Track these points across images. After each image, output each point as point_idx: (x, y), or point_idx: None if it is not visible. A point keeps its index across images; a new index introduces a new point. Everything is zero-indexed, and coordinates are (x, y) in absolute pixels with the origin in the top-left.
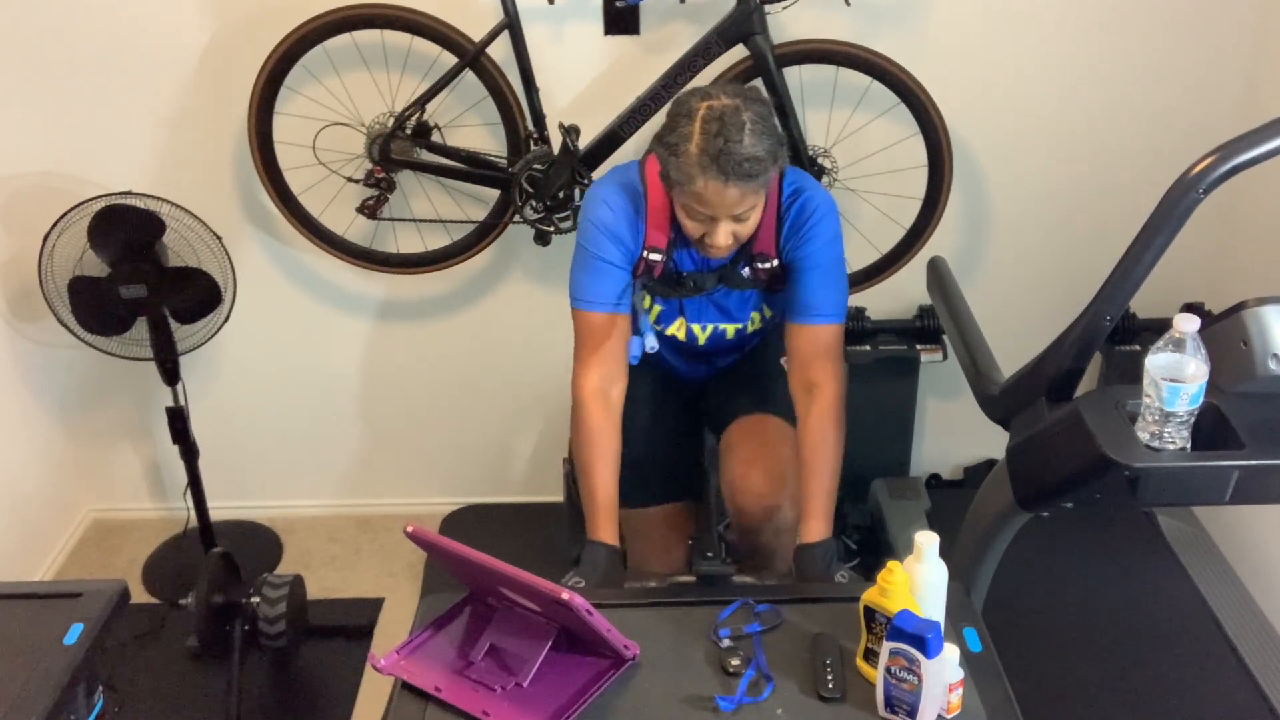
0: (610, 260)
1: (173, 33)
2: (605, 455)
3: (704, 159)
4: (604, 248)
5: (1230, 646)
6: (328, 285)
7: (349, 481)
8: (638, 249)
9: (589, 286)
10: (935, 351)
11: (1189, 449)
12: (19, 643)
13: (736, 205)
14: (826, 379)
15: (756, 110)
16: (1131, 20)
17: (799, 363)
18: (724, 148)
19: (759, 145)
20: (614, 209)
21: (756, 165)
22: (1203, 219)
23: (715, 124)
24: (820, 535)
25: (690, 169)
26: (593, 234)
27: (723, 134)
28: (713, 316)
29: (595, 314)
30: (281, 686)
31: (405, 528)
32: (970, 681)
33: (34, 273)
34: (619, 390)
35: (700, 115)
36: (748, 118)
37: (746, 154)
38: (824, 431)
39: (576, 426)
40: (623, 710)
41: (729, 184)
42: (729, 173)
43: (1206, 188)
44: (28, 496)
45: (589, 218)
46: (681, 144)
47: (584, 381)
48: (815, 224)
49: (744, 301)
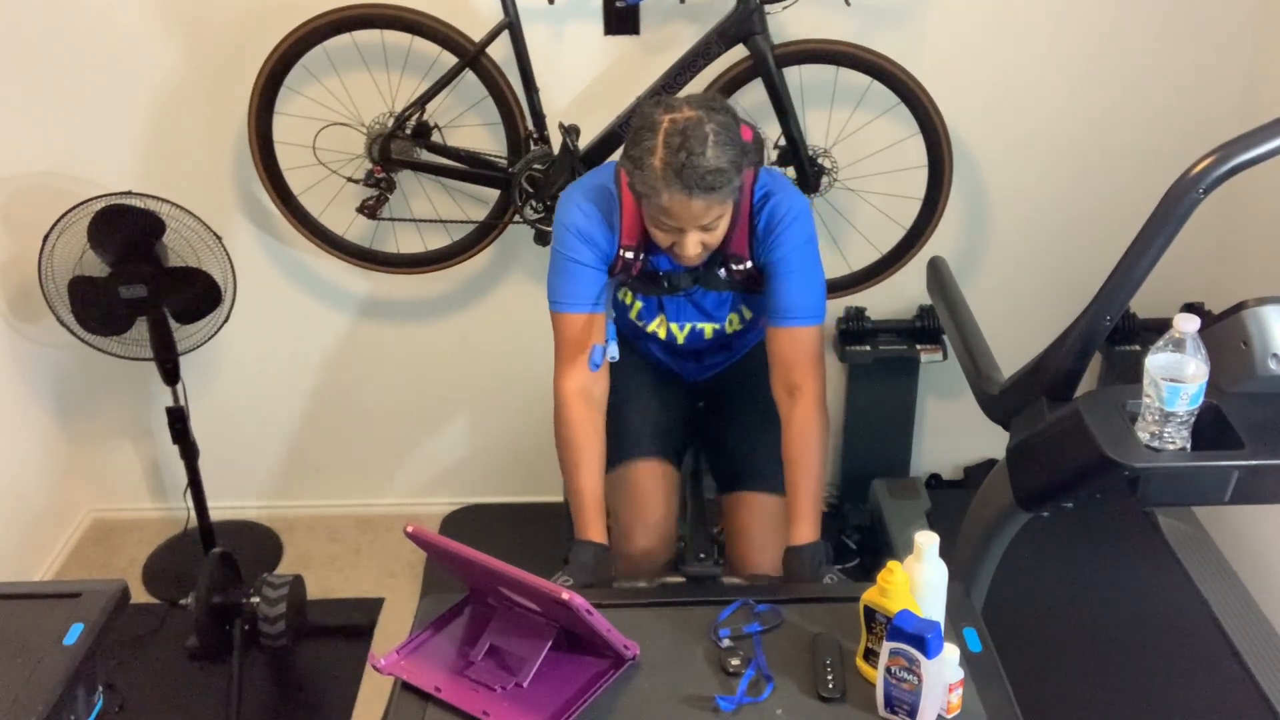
0: (583, 262)
1: (173, 33)
2: (590, 455)
3: (667, 173)
4: (576, 250)
5: (1230, 646)
6: (328, 285)
7: (349, 481)
8: (612, 249)
9: (564, 289)
10: (935, 351)
11: (1189, 449)
12: (19, 643)
13: (703, 216)
14: (807, 381)
15: (719, 121)
16: (1132, 20)
17: (780, 366)
18: (687, 161)
19: (722, 157)
20: (585, 211)
21: (720, 177)
22: (1203, 219)
23: (678, 137)
24: (808, 538)
25: (654, 182)
26: (565, 237)
27: (685, 147)
28: (691, 316)
29: (572, 315)
30: (281, 686)
31: (405, 528)
32: (970, 681)
33: (34, 273)
34: (601, 389)
35: (663, 129)
36: (710, 129)
37: (709, 166)
38: (807, 434)
39: (559, 428)
40: (623, 710)
41: (693, 197)
42: (692, 186)
43: (1206, 188)
44: (28, 496)
45: (561, 221)
46: (645, 157)
47: (566, 383)
48: (786, 228)
49: (721, 302)
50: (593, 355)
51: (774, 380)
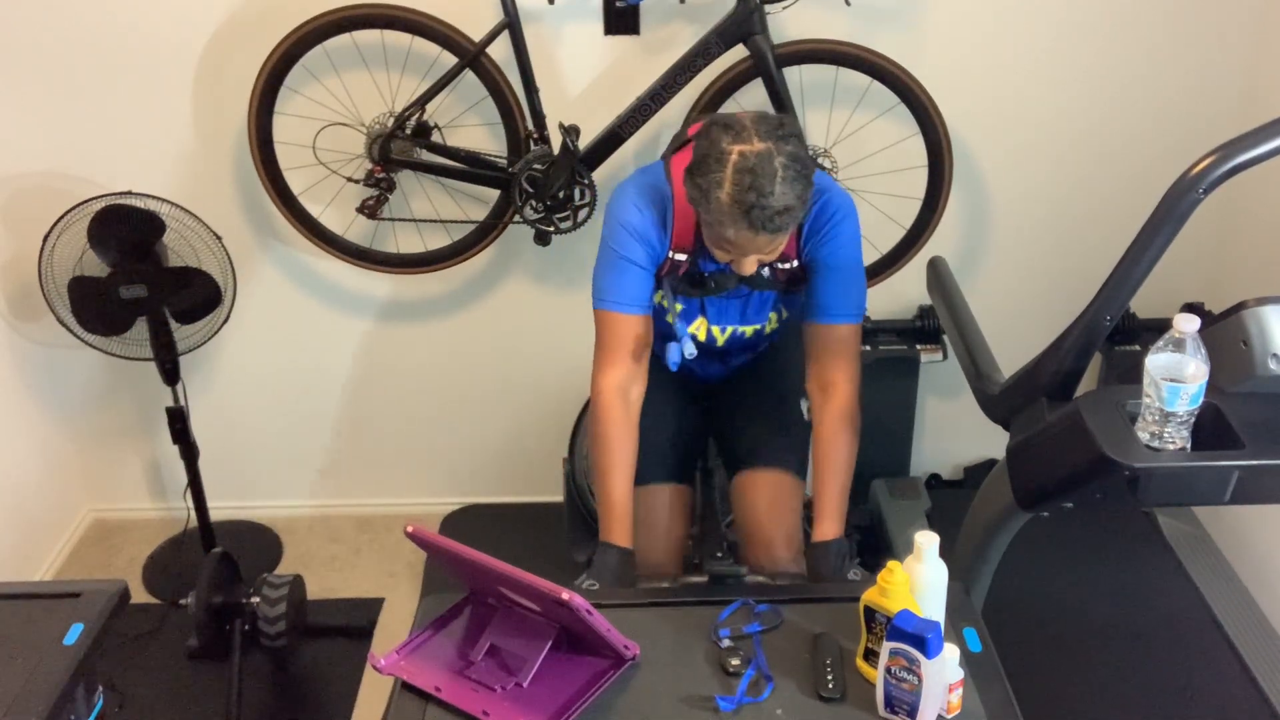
0: (636, 261)
1: (173, 33)
2: (622, 457)
3: (735, 210)
4: (631, 249)
5: (1230, 646)
6: (327, 285)
7: (349, 481)
8: (663, 251)
9: (614, 287)
10: (935, 351)
11: (1189, 449)
12: (19, 643)
13: (766, 247)
14: (842, 379)
15: (788, 154)
16: (1131, 20)
17: (816, 362)
18: (756, 201)
19: (790, 193)
20: (642, 211)
21: (788, 216)
22: (1203, 219)
23: (747, 176)
24: (833, 534)
25: (721, 217)
26: (620, 235)
27: (754, 187)
28: (733, 319)
29: (619, 314)
30: (281, 686)
31: (405, 528)
32: (970, 681)
33: (34, 273)
34: (638, 391)
35: (732, 162)
36: (780, 164)
37: (778, 207)
38: (838, 432)
39: (596, 426)
40: (623, 710)
41: (759, 234)
42: (760, 226)
43: (1206, 188)
44: (28, 496)
45: (617, 219)
46: (713, 190)
47: (605, 381)
48: (836, 225)
49: (763, 303)
50: (669, 354)
51: (809, 376)
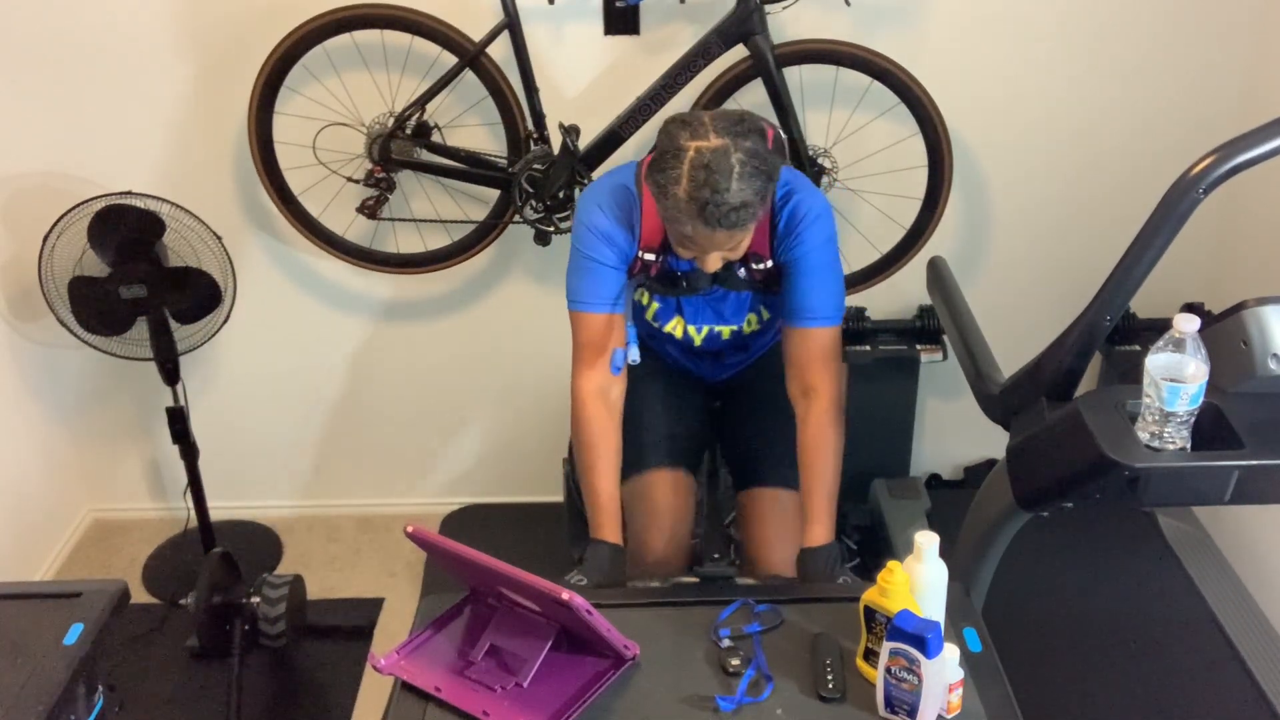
0: (604, 262)
1: (173, 33)
2: (606, 455)
3: (691, 206)
4: (597, 249)
5: (1230, 646)
6: (327, 285)
7: (349, 481)
8: (632, 250)
9: (584, 288)
10: (935, 351)
11: (1189, 449)
12: (19, 643)
13: (726, 244)
14: (823, 382)
15: (746, 149)
16: (1131, 20)
17: (795, 366)
18: (710, 198)
19: (746, 189)
20: (606, 211)
21: (744, 212)
22: (1203, 219)
23: (702, 172)
24: (823, 539)
25: (678, 214)
26: (585, 236)
27: (709, 184)
28: (709, 319)
29: (592, 314)
30: (281, 686)
31: (405, 528)
32: (970, 681)
33: (34, 273)
34: (618, 390)
35: (688, 158)
36: (736, 160)
37: (733, 204)
38: (822, 436)
39: (577, 427)
40: (623, 710)
41: (716, 231)
42: (716, 222)
43: (1206, 188)
44: (28, 496)
45: (582, 220)
46: (670, 186)
47: (583, 382)
48: (807, 227)
49: (740, 304)
50: (614, 359)
51: (789, 381)
